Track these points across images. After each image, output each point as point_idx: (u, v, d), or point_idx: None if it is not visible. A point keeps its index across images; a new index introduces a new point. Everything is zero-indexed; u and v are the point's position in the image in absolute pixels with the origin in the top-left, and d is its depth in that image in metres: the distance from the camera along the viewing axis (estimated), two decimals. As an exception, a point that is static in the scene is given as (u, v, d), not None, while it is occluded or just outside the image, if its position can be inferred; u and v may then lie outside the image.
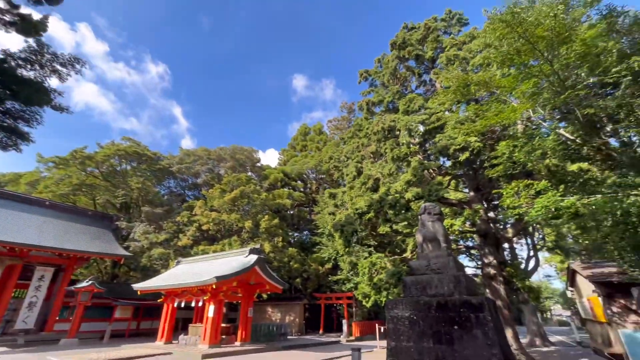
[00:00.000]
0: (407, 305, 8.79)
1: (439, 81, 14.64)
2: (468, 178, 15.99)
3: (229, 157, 35.72)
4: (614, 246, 7.35)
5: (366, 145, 15.01)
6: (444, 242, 9.76)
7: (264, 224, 25.71)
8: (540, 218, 7.69)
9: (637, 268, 7.57)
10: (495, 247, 14.91)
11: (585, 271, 10.51)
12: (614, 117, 7.29)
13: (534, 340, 20.50)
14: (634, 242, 6.68)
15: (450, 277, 8.73)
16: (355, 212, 11.75)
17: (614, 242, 7.24)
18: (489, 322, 7.47)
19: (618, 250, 7.59)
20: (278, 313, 30.99)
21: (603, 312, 9.80)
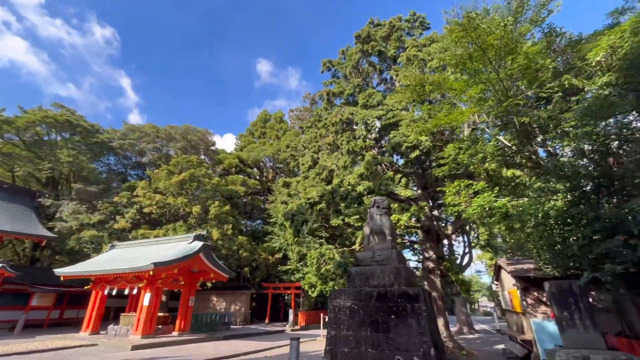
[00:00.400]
0: (350, 295, 8.94)
1: (398, 80, 15.00)
2: (417, 177, 16.76)
3: (180, 137, 33.30)
4: (533, 245, 8.19)
5: (324, 136, 14.93)
6: (389, 236, 10.07)
7: (214, 210, 24.53)
8: (475, 216, 8.26)
9: (550, 265, 8.51)
10: (436, 242, 15.89)
11: (509, 267, 11.65)
12: (544, 128, 8.04)
13: (462, 329, 22.53)
14: (550, 241, 7.47)
15: (392, 269, 9.04)
16: (307, 202, 11.62)
17: (534, 241, 8.04)
18: (423, 312, 7.88)
19: (536, 249, 8.46)
20: (223, 302, 30.09)
21: (520, 303, 10.95)
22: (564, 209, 6.97)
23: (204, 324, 19.38)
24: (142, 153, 33.14)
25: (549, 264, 8.23)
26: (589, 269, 6.70)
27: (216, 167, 33.28)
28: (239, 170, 34.41)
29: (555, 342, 9.82)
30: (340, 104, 15.45)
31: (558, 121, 7.63)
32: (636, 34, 5.96)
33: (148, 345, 13.44)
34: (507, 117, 8.98)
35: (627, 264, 6.08)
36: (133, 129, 33.73)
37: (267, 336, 20.33)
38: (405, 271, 8.95)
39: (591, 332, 7.24)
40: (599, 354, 6.66)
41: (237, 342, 16.06)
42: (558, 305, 7.69)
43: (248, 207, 34.11)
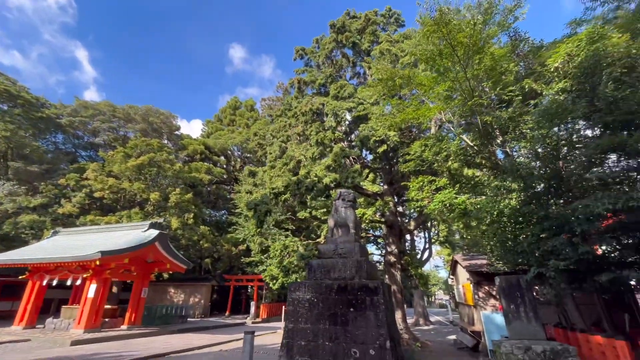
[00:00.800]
0: (310, 287, 8.77)
1: (370, 73, 14.93)
2: (384, 172, 16.95)
3: (140, 119, 30.94)
4: (487, 242, 8.55)
5: (293, 126, 14.52)
6: (353, 229, 10.01)
7: (175, 197, 23.18)
8: (436, 212, 8.42)
9: (501, 261, 8.93)
10: (398, 237, 16.22)
11: (464, 262, 12.17)
12: (504, 129, 8.35)
13: (418, 320, 23.50)
14: (502, 238, 7.78)
15: (354, 262, 8.99)
16: (271, 192, 11.22)
17: (488, 238, 8.37)
18: (381, 305, 7.91)
19: (490, 246, 8.84)
20: (182, 294, 28.84)
21: (472, 296, 11.48)
22: (517, 207, 7.25)
23: (157, 316, 18.34)
24: (95, 133, 30.32)
25: (500, 259, 8.61)
26: (535, 265, 7.04)
27: (179, 152, 31.46)
28: (205, 157, 32.85)
29: (502, 333, 10.44)
30: (312, 94, 15.09)
31: (517, 123, 7.93)
32: (592, 43, 6.27)
33: (90, 340, 12.39)
34: (471, 117, 9.21)
35: (568, 260, 6.44)
36: (86, 106, 30.70)
37: (226, 329, 19.76)
38: (366, 264, 8.94)
39: (533, 323, 7.70)
40: (540, 344, 7.08)
41: (192, 336, 15.37)
42: (506, 298, 8.09)
43: (212, 196, 32.78)
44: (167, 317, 19.12)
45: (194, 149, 31.64)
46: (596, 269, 6.51)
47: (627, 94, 5.95)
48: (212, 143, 33.77)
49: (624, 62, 6.62)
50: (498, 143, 9.63)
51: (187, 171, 26.98)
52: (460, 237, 30.95)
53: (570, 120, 6.74)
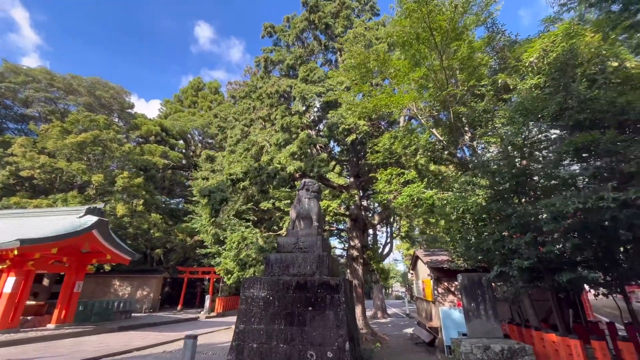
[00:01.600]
0: (266, 284, 7.99)
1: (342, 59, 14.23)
2: (351, 164, 16.50)
3: (85, 92, 27.37)
4: (451, 238, 8.36)
5: (258, 109, 13.42)
6: (316, 221, 9.36)
7: (122, 181, 20.82)
8: (404, 205, 8.03)
9: (464, 258, 8.81)
10: (362, 231, 15.93)
11: (425, 258, 12.12)
12: (475, 123, 8.16)
13: (377, 313, 23.79)
14: (467, 235, 7.57)
15: (315, 257, 8.36)
16: (228, 178, 10.16)
17: (452, 234, 8.14)
18: (342, 304, 7.37)
19: (453, 242, 8.67)
20: (128, 287, 26.50)
21: (432, 292, 11.45)
22: (483, 204, 7.02)
23: (95, 313, 16.41)
24: (27, 103, 26.21)
25: (463, 256, 8.46)
26: (499, 263, 6.87)
27: (131, 133, 28.51)
28: (160, 140, 30.13)
29: (459, 329, 10.51)
30: (279, 76, 14.04)
31: (488, 117, 7.70)
32: (569, 39, 6.12)
33: (3, 343, 10.52)
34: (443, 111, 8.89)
35: (531, 259, 6.31)
36: (16, 71, 26.33)
37: (176, 325, 18.34)
38: (328, 260, 8.34)
39: (492, 322, 7.66)
40: (498, 343, 7.00)
41: (133, 334, 13.88)
42: (468, 296, 7.98)
43: (168, 182, 30.32)
44: (107, 313, 17.23)
45: (148, 130, 28.82)
46: (556, 268, 6.46)
47: (597, 93, 5.85)
48: (169, 124, 31.05)
49: (595, 61, 6.56)
50: (467, 139, 9.47)
51: (138, 153, 24.45)
52: (419, 232, 31.95)
53: (541, 117, 6.57)
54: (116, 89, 30.16)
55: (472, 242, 7.61)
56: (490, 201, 7.02)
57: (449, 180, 8.90)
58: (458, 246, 8.97)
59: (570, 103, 6.19)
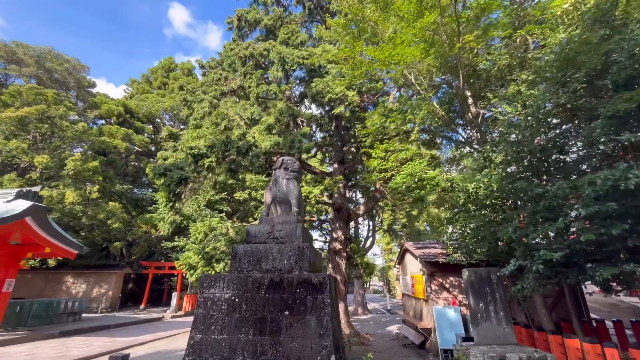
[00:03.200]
0: (231, 282, 6.34)
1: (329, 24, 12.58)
2: (335, 149, 15.02)
3: (33, 62, 23.85)
4: (460, 227, 7.05)
5: (230, 80, 11.57)
6: (296, 206, 7.78)
7: (73, 164, 18.12)
8: (403, 186, 6.62)
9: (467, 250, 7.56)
10: (346, 222, 14.56)
11: (417, 251, 10.91)
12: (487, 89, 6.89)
13: (357, 309, 22.66)
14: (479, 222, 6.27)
15: (294, 249, 6.79)
16: (189, 153, 8.33)
17: (460, 222, 6.82)
18: (327, 307, 5.88)
19: (461, 233, 7.36)
20: (83, 284, 23.74)
21: (424, 289, 10.22)
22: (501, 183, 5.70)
23: (33, 315, 14.01)
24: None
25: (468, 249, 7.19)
26: (520, 255, 5.58)
27: (88, 112, 25.37)
28: (124, 121, 27.07)
29: (455, 330, 9.37)
30: (256, 38, 12.21)
31: (505, 80, 6.39)
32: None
33: None
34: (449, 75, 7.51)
35: (562, 250, 5.09)
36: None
37: (133, 327, 16.21)
38: (310, 252, 6.81)
39: (504, 325, 6.46)
40: (514, 351, 5.79)
41: (77, 341, 11.78)
42: (475, 295, 6.74)
43: (132, 169, 27.47)
44: (50, 315, 14.84)
45: (109, 110, 25.72)
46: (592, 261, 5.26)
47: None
48: (134, 106, 28.01)
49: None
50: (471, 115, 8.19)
51: (95, 134, 21.63)
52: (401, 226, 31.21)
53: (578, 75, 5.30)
54: (72, 62, 26.66)
55: (485, 231, 6.32)
56: (510, 181, 5.72)
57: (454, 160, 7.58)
58: (467, 237, 7.65)
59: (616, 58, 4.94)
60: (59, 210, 17.43)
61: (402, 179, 6.47)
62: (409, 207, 14.24)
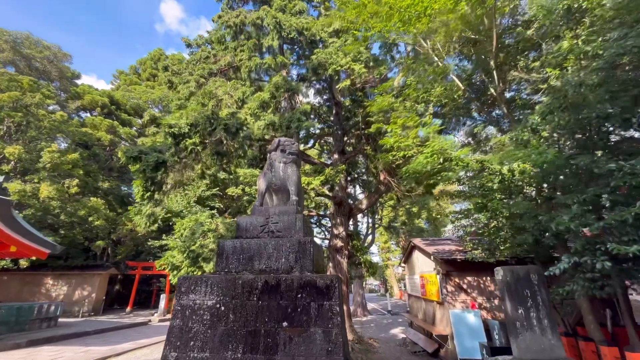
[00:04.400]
0: (216, 286, 5.11)
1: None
2: (335, 139, 13.84)
3: (9, 48, 22.15)
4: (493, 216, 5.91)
5: (219, 57, 10.31)
6: (295, 194, 6.57)
7: (49, 156, 16.64)
8: (429, 166, 5.44)
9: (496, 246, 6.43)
10: (347, 218, 13.41)
11: (429, 247, 9.77)
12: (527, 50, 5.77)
13: (357, 310, 21.53)
14: (520, 209, 5.11)
15: (294, 244, 5.58)
16: (168, 132, 7.07)
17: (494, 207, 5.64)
18: (335, 316, 4.69)
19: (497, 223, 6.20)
20: (64, 286, 22.20)
21: (438, 290, 9.10)
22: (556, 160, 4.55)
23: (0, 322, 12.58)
24: None
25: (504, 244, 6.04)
26: (579, 249, 4.44)
27: (70, 102, 23.76)
28: (109, 113, 25.49)
29: (476, 337, 8.23)
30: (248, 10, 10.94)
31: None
32: None
33: None
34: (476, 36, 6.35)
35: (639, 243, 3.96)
36: None
37: (115, 333, 14.84)
38: (313, 248, 5.60)
39: (548, 335, 5.33)
40: (568, 370, 4.68)
41: (46, 351, 10.42)
42: (512, 300, 5.60)
43: (118, 163, 25.89)
44: (20, 321, 13.42)
45: (93, 100, 24.09)
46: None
47: None
48: (120, 96, 26.40)
49: None
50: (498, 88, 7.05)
51: (76, 124, 20.11)
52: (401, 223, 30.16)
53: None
54: (52, 49, 24.96)
55: (526, 221, 5.18)
56: (566, 157, 4.57)
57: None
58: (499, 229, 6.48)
59: None
60: (33, 206, 15.95)
61: (426, 159, 5.33)
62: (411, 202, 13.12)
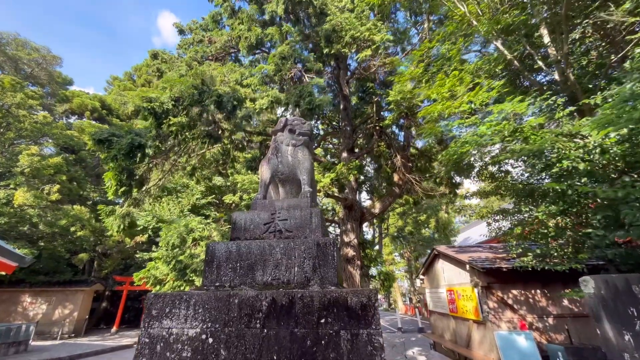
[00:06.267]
0: (202, 307, 3.53)
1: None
2: (344, 136, 12.51)
3: (-6, 49, 20.98)
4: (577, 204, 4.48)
5: (215, 40, 9.04)
6: (308, 184, 5.08)
7: (27, 159, 15.14)
8: (497, 138, 4.02)
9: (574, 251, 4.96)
10: (359, 223, 11.92)
11: (462, 255, 8.24)
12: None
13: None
14: (623, 191, 3.66)
15: (310, 247, 4.06)
16: (147, 109, 5.68)
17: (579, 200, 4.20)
18: (379, 352, 3.17)
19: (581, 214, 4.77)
20: (44, 305, 20.26)
21: (476, 306, 7.52)
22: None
23: (-46, 349, 10.78)
24: None
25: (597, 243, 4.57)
26: None
27: (58, 105, 22.42)
28: (100, 118, 24.14)
29: (533, 366, 6.70)
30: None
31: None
32: None
33: None
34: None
35: None
36: None
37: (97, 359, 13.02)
38: (335, 252, 4.11)
39: (672, 372, 3.83)
40: None
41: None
42: (611, 321, 4.11)
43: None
44: (-20, 347, 11.60)
45: (82, 104, 22.74)
46: None
47: None
48: (112, 101, 25.17)
49: None
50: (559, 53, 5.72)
51: (62, 127, 18.70)
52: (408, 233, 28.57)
53: None
54: (41, 51, 23.82)
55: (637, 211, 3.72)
56: None
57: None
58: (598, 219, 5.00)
59: None
60: (6, 214, 14.33)
61: (491, 128, 3.93)
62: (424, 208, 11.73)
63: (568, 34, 4.93)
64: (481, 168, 8.06)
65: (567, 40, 4.94)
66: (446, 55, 5.79)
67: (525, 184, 6.30)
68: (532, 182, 6.24)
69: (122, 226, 7.25)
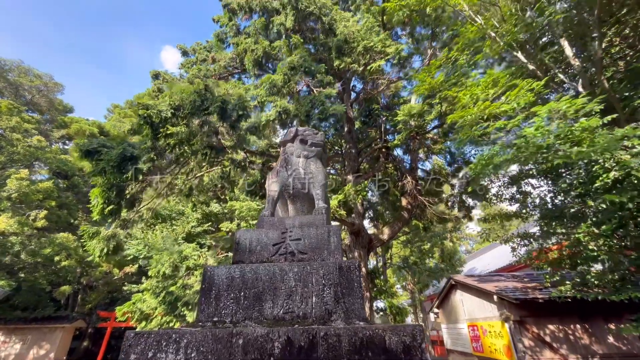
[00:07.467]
0: (196, 350, 2.71)
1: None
2: (349, 158, 12.10)
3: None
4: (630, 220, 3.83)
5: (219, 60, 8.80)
6: (322, 200, 4.45)
7: (15, 183, 14.39)
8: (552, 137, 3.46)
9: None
10: (367, 251, 11.13)
11: (487, 285, 7.39)
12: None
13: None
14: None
15: (331, 271, 3.32)
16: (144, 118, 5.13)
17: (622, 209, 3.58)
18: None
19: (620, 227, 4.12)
20: (17, 344, 18.43)
21: (508, 344, 6.58)
22: None
23: None
24: None
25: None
26: None
27: (55, 131, 22.08)
28: (97, 144, 23.77)
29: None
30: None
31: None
32: None
33: None
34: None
35: None
36: None
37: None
38: (361, 279, 3.39)
39: None
40: None
41: None
42: None
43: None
44: None
45: (80, 130, 22.39)
46: None
47: None
48: (111, 127, 24.94)
49: None
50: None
51: (55, 151, 18.17)
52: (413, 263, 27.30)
53: None
54: (43, 78, 23.96)
55: None
56: None
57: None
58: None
59: None
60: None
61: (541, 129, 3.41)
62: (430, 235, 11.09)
63: (602, 39, 4.64)
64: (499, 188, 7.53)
65: (600, 45, 4.66)
66: (465, 65, 5.52)
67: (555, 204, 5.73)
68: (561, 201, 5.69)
69: (106, 250, 6.39)
